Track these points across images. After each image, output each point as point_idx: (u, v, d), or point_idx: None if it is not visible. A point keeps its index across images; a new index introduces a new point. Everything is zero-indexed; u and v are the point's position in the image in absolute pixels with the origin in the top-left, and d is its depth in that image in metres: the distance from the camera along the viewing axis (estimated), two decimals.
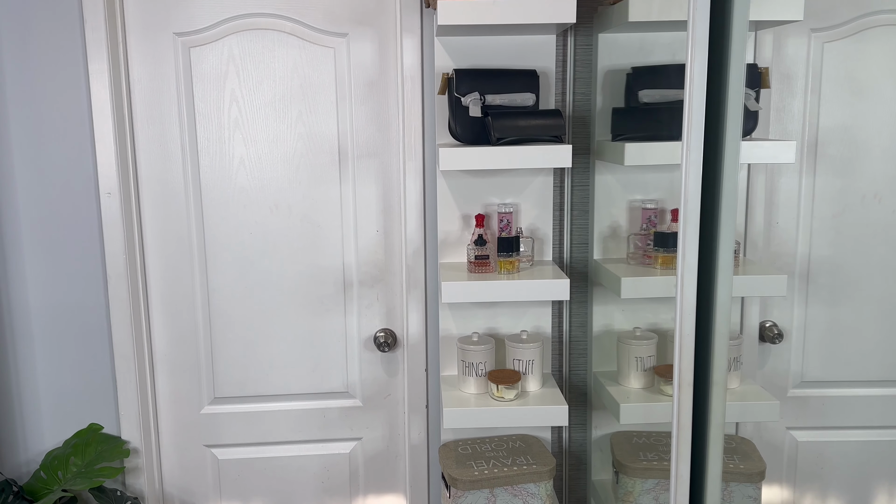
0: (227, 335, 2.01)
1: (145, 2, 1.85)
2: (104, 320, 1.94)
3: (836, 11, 1.48)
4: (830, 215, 1.55)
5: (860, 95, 1.50)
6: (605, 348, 1.91)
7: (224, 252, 1.97)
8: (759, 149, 1.50)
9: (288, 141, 1.93)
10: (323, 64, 1.90)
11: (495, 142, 1.67)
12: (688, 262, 1.21)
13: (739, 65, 1.24)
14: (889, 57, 1.46)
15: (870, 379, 1.57)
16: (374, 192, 1.97)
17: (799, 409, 1.62)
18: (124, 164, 1.87)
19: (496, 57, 1.80)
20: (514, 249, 1.76)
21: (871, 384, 1.57)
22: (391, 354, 2.05)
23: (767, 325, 1.63)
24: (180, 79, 1.89)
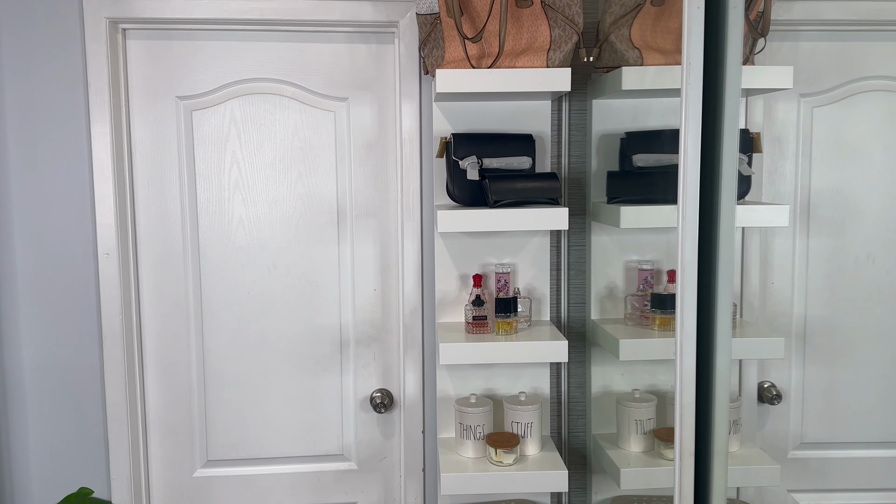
0: (221, 396, 1.99)
1: (149, 66, 1.89)
2: (98, 381, 1.92)
3: (823, 78, 1.52)
4: (825, 276, 1.56)
5: (850, 158, 1.53)
6: (604, 410, 1.89)
7: (220, 312, 1.96)
8: (753, 213, 1.52)
9: (287, 201, 1.95)
10: (323, 126, 1.94)
11: (493, 204, 1.69)
12: (686, 330, 1.21)
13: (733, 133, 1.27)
14: (876, 121, 1.50)
15: (870, 440, 1.56)
16: (372, 252, 1.98)
17: (800, 471, 1.60)
18: (123, 225, 1.88)
19: (493, 121, 1.84)
20: (512, 310, 1.76)
21: (871, 445, 1.56)
22: (387, 415, 2.02)
23: (766, 385, 1.63)
24: (182, 141, 1.91)
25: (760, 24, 1.49)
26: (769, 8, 1.48)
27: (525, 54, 1.63)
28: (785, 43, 1.54)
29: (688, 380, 1.22)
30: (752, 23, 1.47)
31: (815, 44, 1.53)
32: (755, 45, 1.53)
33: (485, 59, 1.64)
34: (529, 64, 1.63)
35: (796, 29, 1.54)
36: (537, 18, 1.62)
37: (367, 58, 1.92)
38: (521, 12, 1.62)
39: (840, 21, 1.51)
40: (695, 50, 1.16)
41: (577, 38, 1.62)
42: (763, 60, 1.53)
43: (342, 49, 1.91)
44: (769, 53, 1.53)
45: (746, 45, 1.50)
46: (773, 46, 1.53)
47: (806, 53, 1.53)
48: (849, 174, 1.53)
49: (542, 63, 1.63)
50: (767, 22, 1.49)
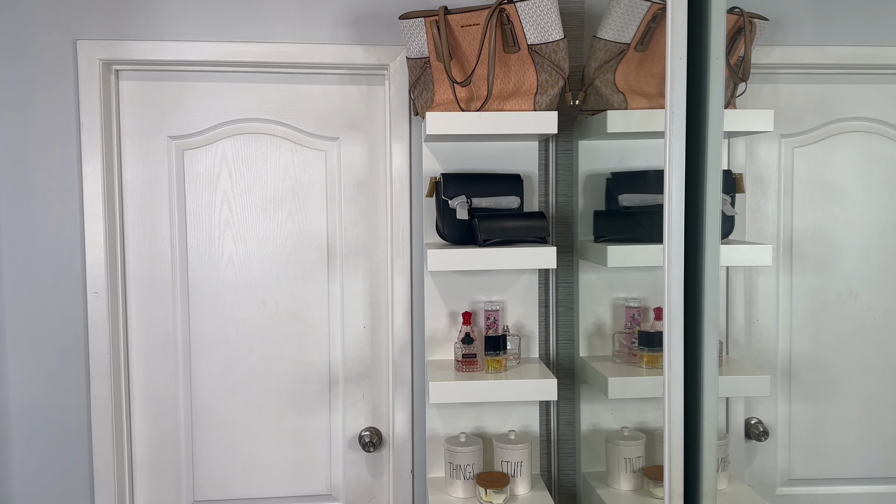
0: (209, 435, 1.97)
1: (142, 107, 1.91)
2: (84, 421, 1.90)
3: (803, 119, 1.56)
4: (809, 313, 1.59)
5: (830, 197, 1.56)
6: (593, 448, 1.89)
7: (209, 350, 1.96)
8: (737, 252, 1.54)
9: (277, 239, 1.96)
10: (314, 166, 1.96)
11: (482, 243, 1.71)
12: (674, 372, 1.23)
13: (716, 177, 1.30)
14: (855, 161, 1.53)
15: (856, 476, 1.57)
16: (362, 289, 1.99)
17: None
18: (113, 264, 1.88)
19: (482, 161, 1.87)
20: (502, 348, 1.77)
21: (857, 482, 1.57)
22: (376, 454, 2.01)
23: (753, 422, 1.64)
24: (173, 180, 1.93)
25: (741, 69, 1.53)
26: (749, 53, 1.53)
27: (513, 97, 1.67)
28: (765, 85, 1.58)
29: (676, 422, 1.23)
30: (733, 67, 1.52)
31: (794, 86, 1.57)
32: (736, 89, 1.57)
33: (474, 102, 1.68)
34: (517, 107, 1.66)
35: (776, 72, 1.58)
36: (524, 63, 1.66)
37: (357, 99, 1.95)
38: (509, 57, 1.66)
39: (818, 65, 1.55)
40: (678, 100, 1.20)
41: (563, 83, 1.66)
42: (744, 103, 1.57)
43: (333, 90, 1.94)
44: (750, 96, 1.57)
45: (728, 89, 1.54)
46: (754, 89, 1.57)
47: (786, 96, 1.57)
48: (830, 213, 1.56)
49: (529, 106, 1.66)
50: (748, 66, 1.53)
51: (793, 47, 1.57)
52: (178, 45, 1.84)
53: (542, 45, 1.64)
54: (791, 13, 1.53)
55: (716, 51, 1.19)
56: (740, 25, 1.49)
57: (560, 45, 1.63)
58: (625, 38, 1.66)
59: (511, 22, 1.62)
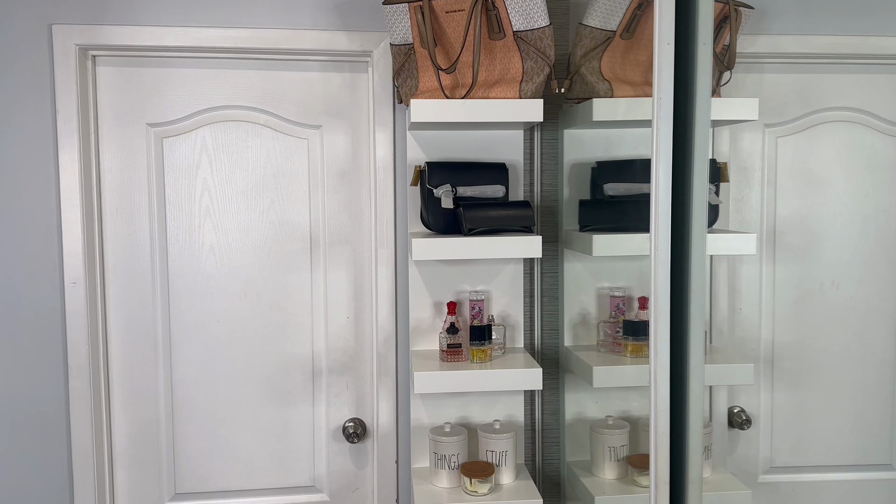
0: (189, 427, 1.95)
1: (120, 94, 1.87)
2: (63, 413, 1.87)
3: (787, 108, 1.56)
4: (791, 301, 1.59)
5: (813, 187, 1.57)
6: (577, 437, 1.89)
7: (190, 341, 1.93)
8: (721, 241, 1.55)
9: (259, 228, 1.93)
10: (296, 154, 1.93)
11: (467, 232, 1.70)
12: (660, 360, 1.23)
13: (703, 166, 1.30)
14: (837, 150, 1.54)
15: (838, 464, 1.58)
16: (346, 279, 1.97)
17: (770, 494, 1.61)
18: (91, 254, 1.85)
19: (467, 150, 1.85)
20: (487, 338, 1.76)
21: (839, 469, 1.58)
22: (360, 445, 2.00)
23: (736, 410, 1.64)
24: (151, 168, 1.89)
25: (726, 58, 1.53)
26: (734, 42, 1.52)
27: (498, 85, 1.65)
28: (750, 75, 1.58)
29: (662, 409, 1.23)
30: (719, 56, 1.51)
31: (778, 76, 1.57)
32: (721, 78, 1.56)
33: (458, 90, 1.66)
34: (502, 94, 1.65)
35: (760, 62, 1.58)
36: (510, 51, 1.64)
37: (340, 86, 1.92)
38: (494, 44, 1.64)
39: (801, 54, 1.55)
40: (665, 86, 1.19)
41: (548, 70, 1.65)
42: (729, 92, 1.57)
43: (316, 77, 1.92)
44: (735, 85, 1.57)
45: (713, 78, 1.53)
46: (738, 78, 1.57)
47: (770, 85, 1.57)
48: (812, 202, 1.57)
49: (514, 94, 1.65)
50: (733, 55, 1.53)
51: (777, 36, 1.57)
52: (157, 30, 1.80)
53: (527, 32, 1.62)
54: (776, 2, 1.52)
55: (703, 36, 1.18)
56: (726, 13, 1.48)
57: (546, 31, 1.62)
58: (611, 26, 1.65)
59: (496, 8, 1.60)
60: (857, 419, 1.56)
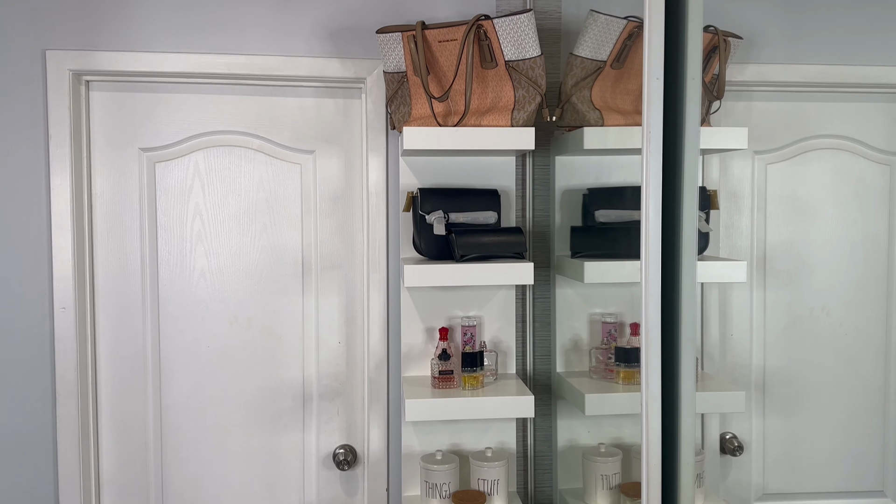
0: (178, 454, 1.93)
1: (113, 118, 1.87)
2: (50, 440, 1.85)
3: (776, 136, 1.58)
4: (782, 328, 1.60)
5: (803, 213, 1.58)
6: (569, 464, 1.89)
7: (180, 366, 1.92)
8: (712, 269, 1.55)
9: (251, 253, 1.93)
10: (289, 179, 1.94)
11: (459, 259, 1.70)
12: (651, 391, 1.23)
13: (692, 196, 1.31)
14: (826, 177, 1.55)
15: (829, 490, 1.58)
16: (337, 304, 1.97)
17: None
18: (81, 278, 1.84)
19: (459, 176, 1.86)
20: (479, 364, 1.76)
21: (830, 496, 1.58)
22: (351, 472, 1.99)
23: (728, 437, 1.64)
24: (144, 192, 1.89)
25: (716, 87, 1.55)
26: (723, 71, 1.54)
27: (490, 113, 1.67)
28: (739, 103, 1.60)
29: (654, 443, 1.23)
30: (708, 85, 1.53)
31: (767, 104, 1.59)
32: (711, 106, 1.58)
33: (451, 117, 1.67)
34: (494, 122, 1.66)
35: (749, 90, 1.60)
36: (502, 79, 1.65)
37: (334, 112, 1.93)
38: (487, 73, 1.66)
39: (789, 83, 1.57)
40: (654, 120, 1.20)
41: (540, 99, 1.66)
42: (718, 120, 1.58)
43: (309, 103, 1.93)
44: (724, 113, 1.59)
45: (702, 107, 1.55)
46: (728, 106, 1.59)
47: (759, 113, 1.59)
48: (802, 229, 1.58)
49: (506, 122, 1.66)
50: (722, 85, 1.55)
51: (766, 65, 1.59)
52: (151, 56, 1.81)
53: (519, 62, 1.64)
54: (764, 32, 1.55)
55: (692, 71, 1.20)
56: (715, 44, 1.50)
57: (537, 61, 1.64)
58: (601, 56, 1.67)
59: (488, 38, 1.62)
60: (848, 445, 1.56)
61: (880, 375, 1.54)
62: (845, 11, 1.47)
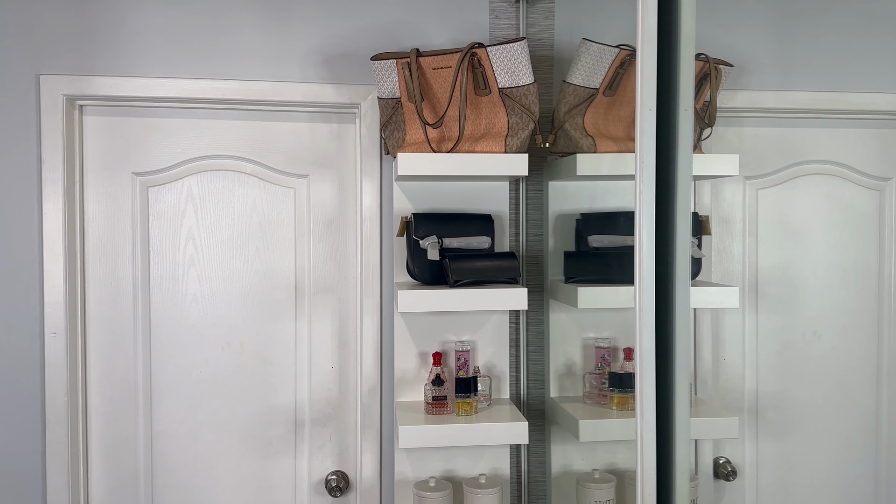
0: (169, 481, 1.91)
1: (106, 143, 1.87)
2: (39, 468, 1.82)
3: (766, 161, 1.59)
4: (774, 352, 1.60)
5: (794, 238, 1.59)
6: (564, 491, 1.88)
7: (170, 392, 1.90)
8: (704, 294, 1.56)
9: (243, 277, 1.92)
10: (282, 203, 1.94)
11: (453, 284, 1.70)
12: (646, 420, 1.22)
13: (685, 223, 1.31)
14: (816, 202, 1.57)
15: None
16: (330, 328, 1.96)
17: None
18: (73, 303, 1.83)
19: (452, 200, 1.86)
20: (472, 390, 1.75)
21: None
22: (343, 499, 1.97)
23: (721, 461, 1.64)
24: (136, 217, 1.89)
25: (707, 114, 1.56)
26: (715, 98, 1.56)
27: (484, 139, 1.67)
28: (730, 129, 1.61)
29: (649, 472, 1.23)
30: (700, 112, 1.55)
31: (757, 129, 1.60)
32: (702, 133, 1.60)
33: (445, 143, 1.68)
34: (488, 149, 1.67)
35: (740, 116, 1.61)
36: (495, 106, 1.67)
37: (328, 137, 1.94)
38: (480, 100, 1.67)
39: (780, 109, 1.59)
40: (647, 149, 1.21)
41: (533, 126, 1.67)
42: (709, 146, 1.59)
43: (303, 128, 1.93)
44: (715, 139, 1.60)
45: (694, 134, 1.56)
46: (719, 132, 1.60)
47: (749, 139, 1.60)
48: (793, 253, 1.59)
49: (500, 148, 1.67)
50: (714, 113, 1.56)
51: (756, 92, 1.61)
52: (145, 81, 1.81)
53: (512, 89, 1.65)
54: (754, 59, 1.57)
55: (684, 102, 1.21)
56: (706, 71, 1.52)
57: (530, 88, 1.65)
58: (593, 83, 1.68)
59: (482, 66, 1.63)
60: (840, 469, 1.56)
61: (872, 399, 1.55)
62: (835, 39, 1.49)
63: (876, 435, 1.55)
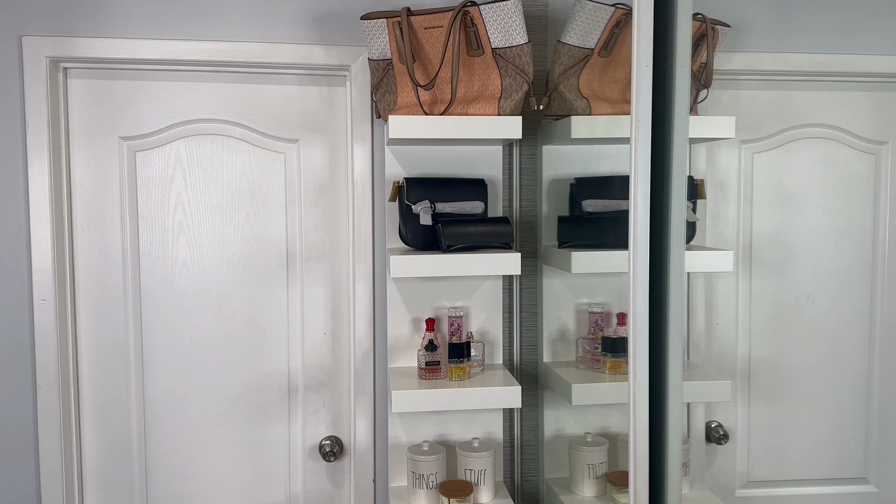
0: (162, 447, 1.91)
1: (92, 106, 1.83)
2: (31, 434, 1.82)
3: (763, 125, 1.57)
4: (768, 316, 1.60)
5: (789, 202, 1.58)
6: (556, 454, 1.88)
7: (162, 358, 1.89)
8: (698, 258, 1.55)
9: (234, 244, 1.90)
10: (273, 168, 1.91)
11: (446, 249, 1.68)
12: (639, 381, 1.22)
13: (681, 186, 1.30)
14: (812, 166, 1.55)
15: (814, 477, 1.59)
16: (323, 295, 1.94)
17: None
18: (61, 270, 1.81)
19: (445, 165, 1.84)
20: (466, 355, 1.75)
21: (815, 482, 1.59)
22: (337, 464, 1.97)
23: (713, 425, 1.64)
24: (124, 182, 1.86)
25: (703, 76, 1.54)
26: (712, 59, 1.53)
27: (477, 101, 1.65)
28: (726, 91, 1.59)
29: (641, 433, 1.23)
30: (696, 74, 1.52)
31: (754, 92, 1.58)
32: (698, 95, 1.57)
33: (437, 106, 1.65)
34: (481, 111, 1.64)
35: (736, 78, 1.59)
36: (489, 67, 1.63)
37: (318, 100, 1.91)
38: (473, 61, 1.64)
39: (777, 72, 1.57)
40: (643, 108, 1.19)
41: (527, 87, 1.64)
42: (705, 109, 1.57)
43: (293, 91, 1.89)
44: (711, 102, 1.58)
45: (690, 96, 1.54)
46: (715, 94, 1.58)
47: (746, 101, 1.58)
48: (788, 218, 1.58)
49: (493, 110, 1.64)
50: (710, 74, 1.54)
51: (753, 54, 1.58)
52: (130, 42, 1.77)
53: (506, 49, 1.62)
54: (751, 20, 1.54)
55: (681, 59, 1.19)
56: (703, 32, 1.49)
57: (524, 49, 1.62)
58: (589, 44, 1.65)
59: (475, 25, 1.60)
60: (832, 433, 1.57)
61: (864, 364, 1.55)
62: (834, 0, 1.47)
63: (867, 398, 1.55)
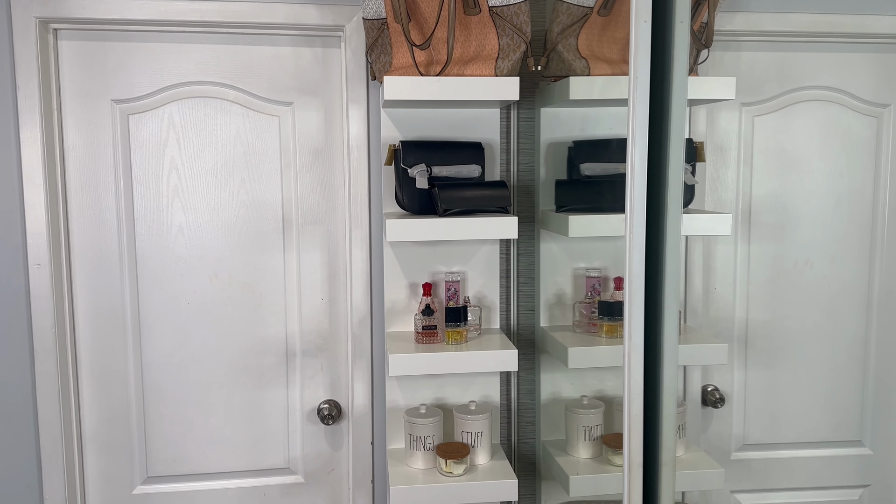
0: (161, 410, 1.92)
1: (83, 69, 1.80)
2: (30, 398, 1.83)
3: (764, 87, 1.55)
4: (765, 281, 1.60)
5: (789, 166, 1.57)
6: (553, 417, 1.90)
7: (159, 323, 1.89)
8: (696, 222, 1.54)
9: (229, 208, 1.89)
10: (267, 132, 1.89)
11: (442, 213, 1.67)
12: (634, 342, 1.22)
13: (679, 146, 1.28)
14: (813, 129, 1.54)
15: (809, 440, 1.60)
16: (319, 260, 1.94)
17: (742, 471, 1.63)
18: (56, 234, 1.80)
19: (442, 129, 1.82)
20: (462, 319, 1.75)
21: (810, 445, 1.60)
22: (335, 427, 1.99)
23: (709, 389, 1.65)
24: (117, 146, 1.84)
25: (704, 36, 1.51)
26: (712, 19, 1.50)
27: (474, 62, 1.62)
28: (727, 53, 1.57)
29: (636, 392, 1.23)
30: (696, 34, 1.49)
31: (755, 54, 1.56)
32: (699, 56, 1.55)
33: (433, 66, 1.62)
34: (478, 72, 1.62)
35: (738, 39, 1.57)
36: (486, 26, 1.60)
37: (312, 62, 1.88)
38: (470, 20, 1.61)
39: (778, 32, 1.54)
40: (642, 64, 1.17)
41: (525, 48, 1.61)
42: (706, 70, 1.55)
43: (286, 52, 1.87)
44: (711, 63, 1.56)
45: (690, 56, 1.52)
46: (716, 56, 1.56)
47: (747, 63, 1.56)
48: (788, 181, 1.57)
49: (490, 71, 1.62)
50: (711, 33, 1.51)
51: (755, 14, 1.55)
52: (121, 2, 1.74)
53: (503, 8, 1.58)
54: None
55: (681, 14, 1.16)
56: None
57: (522, 7, 1.58)
58: (588, 2, 1.62)
59: None
60: (828, 396, 1.58)
61: (861, 327, 1.55)
62: None
63: (864, 362, 1.56)
